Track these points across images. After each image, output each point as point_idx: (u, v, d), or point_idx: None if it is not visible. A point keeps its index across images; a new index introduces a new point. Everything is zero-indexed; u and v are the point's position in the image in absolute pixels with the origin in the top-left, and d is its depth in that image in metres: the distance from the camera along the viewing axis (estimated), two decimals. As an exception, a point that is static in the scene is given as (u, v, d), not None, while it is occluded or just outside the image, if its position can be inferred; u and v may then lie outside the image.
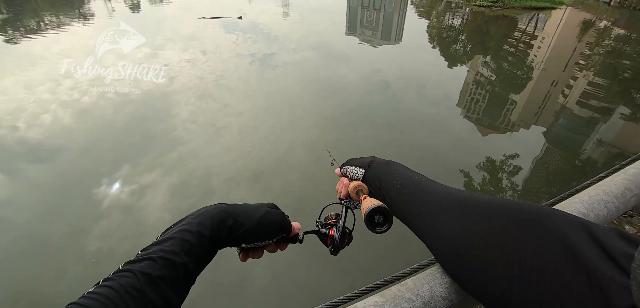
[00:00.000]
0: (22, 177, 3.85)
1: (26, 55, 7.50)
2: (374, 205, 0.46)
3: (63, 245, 2.96)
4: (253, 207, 0.52)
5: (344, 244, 0.62)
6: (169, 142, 4.36)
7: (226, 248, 0.51)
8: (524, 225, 0.33)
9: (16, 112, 5.12)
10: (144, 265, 0.37)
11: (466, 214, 0.40)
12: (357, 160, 0.66)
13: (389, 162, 0.62)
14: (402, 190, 0.53)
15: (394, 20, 13.76)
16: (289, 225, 0.57)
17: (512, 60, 8.44)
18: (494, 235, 0.36)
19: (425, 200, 0.48)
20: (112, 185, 3.61)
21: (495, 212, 0.37)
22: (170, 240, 0.41)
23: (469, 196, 0.43)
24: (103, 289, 0.34)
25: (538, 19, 11.76)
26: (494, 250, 0.35)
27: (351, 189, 0.60)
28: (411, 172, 0.57)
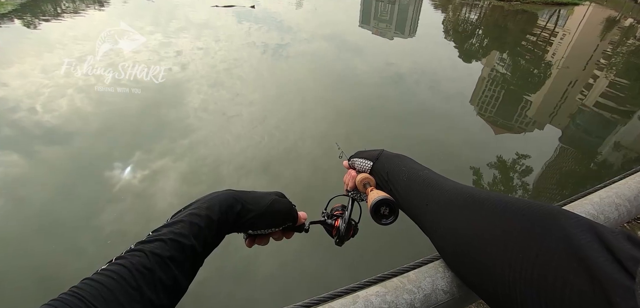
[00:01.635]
0: (39, 158, 3.99)
1: (43, 40, 7.70)
2: (381, 197, 0.46)
3: (77, 225, 3.07)
4: (261, 195, 0.53)
5: (349, 235, 0.63)
6: (181, 130, 4.44)
7: (233, 235, 0.52)
8: (529, 224, 0.33)
9: (34, 95, 5.28)
10: (155, 246, 0.39)
11: (471, 211, 0.40)
12: (365, 153, 0.66)
13: (398, 155, 0.61)
14: (409, 183, 0.53)
15: (408, 12, 13.50)
16: (295, 214, 0.58)
17: (529, 57, 8.19)
18: (497, 232, 0.35)
19: (432, 195, 0.48)
20: (124, 170, 3.70)
21: (500, 210, 0.37)
22: (180, 222, 0.42)
23: (475, 193, 0.43)
24: (115, 266, 0.35)
25: (559, 15, 11.33)
26: (497, 248, 0.35)
27: (358, 181, 0.60)
28: (419, 166, 0.57)
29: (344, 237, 0.62)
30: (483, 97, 7.01)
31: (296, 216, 0.58)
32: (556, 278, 0.29)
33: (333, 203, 0.70)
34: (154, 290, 0.36)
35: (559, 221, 0.32)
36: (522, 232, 0.33)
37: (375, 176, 0.62)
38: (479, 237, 0.37)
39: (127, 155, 3.92)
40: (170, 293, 0.38)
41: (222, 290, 2.61)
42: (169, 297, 0.38)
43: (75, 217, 3.15)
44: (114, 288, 0.33)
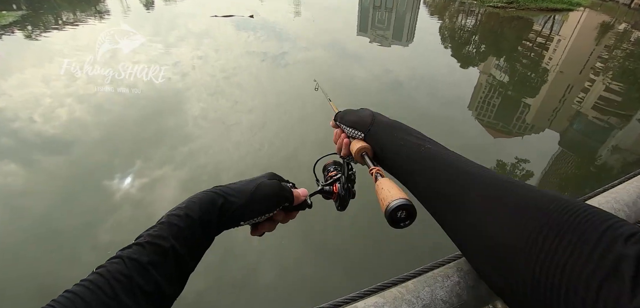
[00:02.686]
0: (38, 167, 3.99)
1: (44, 51, 7.74)
2: (398, 202, 0.40)
3: (76, 234, 3.06)
4: (245, 183, 0.50)
5: (349, 199, 0.62)
6: (181, 138, 4.44)
7: (232, 244, 0.52)
8: (554, 224, 0.27)
9: (34, 105, 5.29)
10: (132, 251, 0.38)
11: (489, 200, 0.35)
12: (354, 117, 0.58)
13: (393, 124, 0.53)
14: (409, 162, 0.46)
15: (405, 20, 13.63)
16: (289, 193, 0.54)
17: (526, 62, 8.26)
18: (526, 234, 0.30)
19: (439, 177, 0.42)
20: (124, 179, 3.70)
21: (522, 203, 0.31)
22: (159, 225, 0.42)
23: (490, 176, 0.37)
24: (93, 276, 0.35)
25: (554, 21, 11.45)
26: (519, 247, 0.30)
27: (355, 153, 0.54)
28: (419, 138, 0.49)
29: (345, 201, 0.61)
30: (481, 102, 7.05)
31: (291, 195, 0.55)
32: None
33: (320, 165, 0.70)
34: (132, 296, 0.35)
35: (592, 223, 0.26)
36: (543, 231, 0.28)
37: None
38: (504, 236, 0.32)
39: (127, 164, 3.92)
40: (152, 300, 0.37)
41: (222, 300, 2.59)
42: (151, 304, 0.37)
43: (74, 227, 3.14)
44: (89, 299, 0.33)
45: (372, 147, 0.53)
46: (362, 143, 0.54)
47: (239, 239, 2.95)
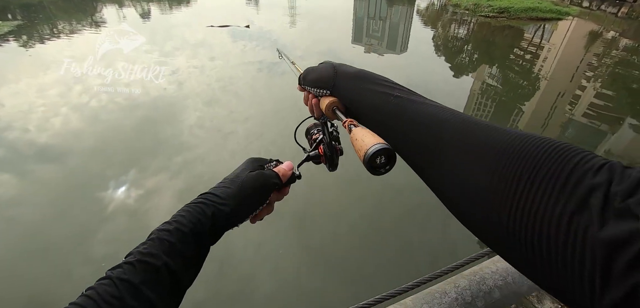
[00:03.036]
0: (31, 177, 3.92)
1: (39, 60, 7.69)
2: (375, 148, 0.37)
3: (69, 246, 3.00)
4: (230, 183, 0.49)
5: (337, 157, 0.61)
6: (176, 147, 4.42)
7: (229, 255, 0.51)
8: (529, 164, 0.26)
9: (28, 115, 5.23)
10: (123, 271, 0.36)
11: (464, 145, 0.32)
12: (315, 74, 0.53)
13: (357, 75, 0.48)
14: (379, 113, 0.43)
15: (399, 29, 13.83)
16: (275, 177, 0.52)
17: (518, 70, 8.41)
18: (495, 173, 0.28)
19: (412, 129, 0.39)
20: (118, 189, 3.66)
21: (497, 146, 0.29)
22: (149, 241, 0.40)
23: (463, 121, 0.34)
24: (82, 299, 0.33)
25: (544, 30, 11.71)
26: (493, 189, 0.28)
27: (326, 110, 0.50)
28: (387, 87, 0.44)
29: (332, 160, 0.61)
30: (475, 109, 7.14)
31: (278, 177, 0.53)
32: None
33: (302, 131, 0.69)
34: None
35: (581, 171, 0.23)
36: (534, 187, 0.25)
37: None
38: (477, 179, 0.29)
39: (122, 173, 3.88)
40: None
41: (219, 311, 2.55)
42: None
43: (67, 238, 3.08)
44: None
45: (342, 101, 0.50)
46: (330, 98, 0.50)
47: (237, 249, 2.92)
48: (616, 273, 0.19)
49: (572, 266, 0.21)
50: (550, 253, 0.23)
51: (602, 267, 0.20)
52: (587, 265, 0.21)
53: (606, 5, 15.95)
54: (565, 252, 0.22)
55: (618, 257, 0.19)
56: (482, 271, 1.41)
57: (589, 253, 0.21)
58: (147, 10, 13.12)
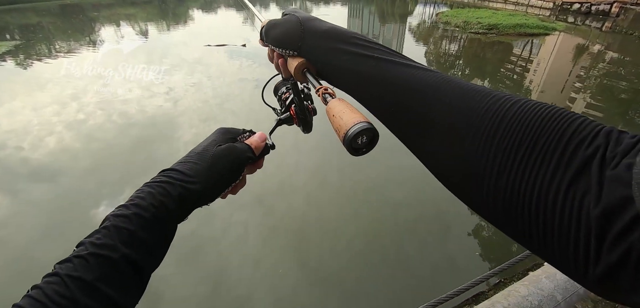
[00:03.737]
0: (23, 197, 3.85)
1: (35, 79, 7.69)
2: (357, 128, 0.32)
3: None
4: (198, 158, 0.43)
5: (311, 117, 0.57)
6: (171, 164, 4.38)
7: (225, 274, 0.47)
8: (543, 148, 0.24)
9: (22, 133, 5.19)
10: (73, 267, 0.31)
11: (460, 115, 0.29)
12: (278, 31, 0.46)
13: (329, 32, 0.41)
14: (358, 78, 0.38)
15: (392, 46, 14.10)
16: (249, 149, 0.48)
17: (509, 83, 8.59)
18: (493, 144, 0.26)
19: (399, 99, 0.35)
20: (111, 208, 3.59)
21: (496, 115, 0.27)
22: (103, 230, 0.35)
23: (456, 86, 0.31)
24: (26, 300, 0.28)
25: (532, 44, 12.05)
26: (490, 162, 0.26)
27: (295, 72, 0.44)
28: (365, 48, 0.38)
29: (306, 122, 0.56)
30: (469, 123, 7.21)
31: (251, 150, 0.48)
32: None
33: (270, 88, 0.65)
34: None
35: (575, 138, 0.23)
36: (530, 157, 0.25)
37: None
38: (476, 152, 0.27)
39: (116, 193, 3.83)
40: None
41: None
42: None
43: (57, 260, 2.99)
44: None
45: (311, 62, 0.43)
46: (299, 59, 0.43)
47: (232, 267, 2.87)
48: (609, 240, 0.19)
49: (567, 235, 0.22)
50: (547, 223, 0.23)
51: (596, 235, 0.20)
52: (582, 233, 0.21)
53: (590, 20, 16.50)
54: (562, 221, 0.22)
55: (611, 224, 0.19)
56: (494, 306, 1.37)
57: (585, 221, 0.21)
58: (145, 29, 13.29)
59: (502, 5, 22.53)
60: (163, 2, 29.88)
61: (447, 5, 23.41)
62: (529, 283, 1.46)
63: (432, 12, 20.60)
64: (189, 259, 2.79)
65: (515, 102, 0.27)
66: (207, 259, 2.87)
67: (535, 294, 1.40)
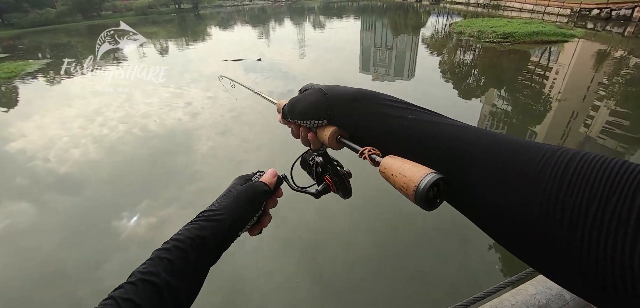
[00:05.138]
0: (48, 207, 4.04)
1: (64, 94, 8.13)
2: (429, 179, 0.30)
3: (81, 276, 3.02)
4: (224, 199, 0.50)
5: (348, 181, 0.57)
6: (188, 176, 4.49)
7: (240, 284, 0.49)
8: (615, 213, 0.23)
9: (49, 146, 5.47)
10: (125, 291, 0.37)
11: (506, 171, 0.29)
12: (302, 106, 0.47)
13: (356, 97, 0.42)
14: (398, 146, 0.37)
15: (406, 57, 14.11)
16: (264, 184, 0.53)
17: (527, 92, 8.38)
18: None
19: (435, 154, 0.35)
20: (131, 218, 3.71)
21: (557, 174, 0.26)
22: (149, 261, 0.41)
23: (506, 144, 0.30)
24: None
25: (550, 52, 11.75)
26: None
27: (329, 141, 0.44)
28: (397, 109, 0.39)
29: (345, 187, 0.56)
30: (486, 133, 7.04)
31: (265, 185, 0.53)
32: None
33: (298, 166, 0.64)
34: None
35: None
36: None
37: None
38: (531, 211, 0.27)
39: (135, 203, 3.95)
40: None
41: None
42: None
43: (79, 268, 3.10)
44: None
45: (342, 128, 0.44)
46: (331, 128, 0.44)
47: (247, 279, 2.88)
48: None
49: None
50: (627, 282, 0.22)
51: None
52: None
53: (611, 25, 15.94)
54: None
55: None
56: (502, 304, 1.34)
57: None
58: (166, 47, 13.86)
59: (518, 13, 22.20)
60: (183, 20, 31.16)
61: (460, 16, 23.30)
62: (537, 283, 1.41)
63: (446, 23, 20.53)
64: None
65: (573, 156, 0.26)
66: (222, 270, 2.90)
67: (543, 293, 1.35)
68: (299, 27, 23.74)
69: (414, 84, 9.67)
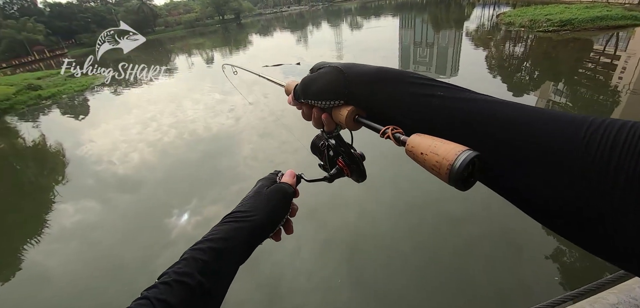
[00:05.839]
0: (111, 205, 4.50)
1: (124, 104, 9.07)
2: (463, 158, 0.28)
3: (137, 268, 3.31)
4: (254, 200, 0.49)
5: (361, 164, 0.54)
6: (232, 177, 4.72)
7: (280, 283, 0.48)
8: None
9: (112, 150, 6.12)
10: (159, 291, 0.37)
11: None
12: (317, 85, 0.44)
13: (378, 76, 0.39)
14: (426, 127, 0.34)
15: (448, 54, 13.42)
16: (289, 185, 0.53)
17: (590, 84, 7.48)
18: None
19: (468, 134, 0.32)
20: (181, 216, 3.99)
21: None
22: (183, 261, 0.40)
23: (546, 119, 0.28)
24: None
25: (618, 38, 10.35)
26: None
27: (346, 121, 0.42)
28: (424, 87, 0.35)
29: (359, 169, 0.54)
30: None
31: (290, 186, 0.53)
32: None
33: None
34: None
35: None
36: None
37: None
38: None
39: (185, 202, 4.24)
40: None
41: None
42: None
43: (136, 261, 3.41)
44: None
45: (363, 108, 0.41)
46: (348, 107, 0.42)
47: (286, 278, 2.93)
48: None
49: None
50: None
51: None
52: None
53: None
54: None
55: None
56: None
57: None
58: (211, 56, 14.80)
59: (578, -2, 19.97)
60: (226, 30, 32.98)
61: (509, 5, 21.58)
62: (618, 292, 1.22)
63: (492, 14, 19.15)
64: (247, 268, 2.93)
65: (621, 127, 0.23)
66: (263, 269, 2.99)
67: (626, 303, 1.16)
68: (336, 29, 23.84)
69: (457, 81, 9.14)
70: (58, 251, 3.76)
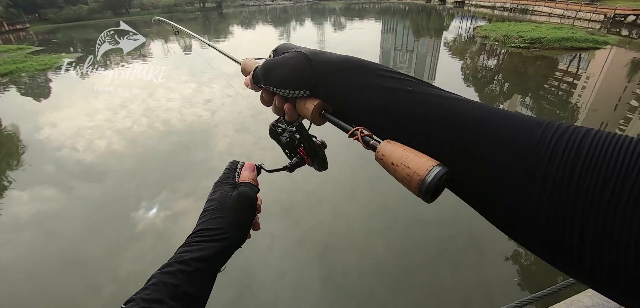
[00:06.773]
0: (74, 194, 4.23)
1: (91, 87, 8.53)
2: (434, 175, 0.27)
3: (99, 263, 3.14)
4: (220, 212, 0.46)
5: (323, 152, 0.53)
6: (205, 171, 4.59)
7: (251, 281, 0.49)
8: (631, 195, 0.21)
9: (76, 136, 5.74)
10: None
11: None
12: (281, 71, 0.40)
13: (344, 66, 0.36)
14: (393, 124, 0.33)
15: (426, 61, 13.85)
16: (251, 185, 0.51)
17: (554, 100, 8.02)
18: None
19: (442, 130, 0.30)
20: (149, 209, 3.82)
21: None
22: (152, 285, 0.38)
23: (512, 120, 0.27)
24: None
25: (580, 59, 11.19)
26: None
27: (312, 115, 0.39)
28: (393, 80, 0.34)
29: (321, 158, 0.53)
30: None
31: (252, 185, 0.50)
32: None
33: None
34: None
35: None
36: None
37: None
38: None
39: (154, 195, 4.07)
40: None
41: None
42: None
43: (98, 254, 3.23)
44: None
45: (329, 101, 0.38)
46: (315, 101, 0.38)
47: (258, 275, 2.91)
48: None
49: None
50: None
51: None
52: None
53: (650, 34, 15.02)
54: None
55: None
56: None
57: None
58: (189, 44, 14.27)
59: (546, 18, 21.31)
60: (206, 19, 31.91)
61: (485, 19, 22.61)
62: (593, 294, 1.29)
63: (469, 27, 19.97)
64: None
65: (585, 134, 0.23)
66: (233, 265, 2.94)
67: (600, 305, 1.24)
68: (320, 28, 23.83)
69: (433, 88, 9.46)
70: (11, 242, 3.47)
